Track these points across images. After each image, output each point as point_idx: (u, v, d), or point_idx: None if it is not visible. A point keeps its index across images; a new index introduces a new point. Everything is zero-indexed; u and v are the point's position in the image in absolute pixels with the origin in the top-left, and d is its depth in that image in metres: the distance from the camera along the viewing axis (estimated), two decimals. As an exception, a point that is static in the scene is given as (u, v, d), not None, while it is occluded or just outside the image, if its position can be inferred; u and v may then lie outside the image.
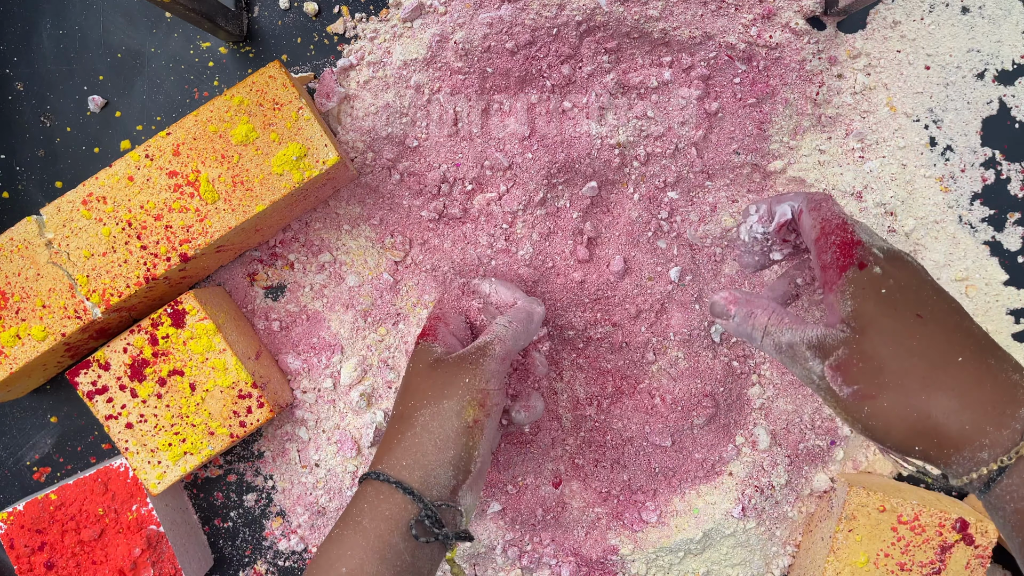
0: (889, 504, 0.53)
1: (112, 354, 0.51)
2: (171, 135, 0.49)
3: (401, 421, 0.44)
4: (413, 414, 0.44)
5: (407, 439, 0.43)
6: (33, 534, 0.52)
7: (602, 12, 0.52)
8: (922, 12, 0.57)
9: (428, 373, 0.45)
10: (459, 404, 0.43)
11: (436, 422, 0.43)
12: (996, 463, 0.35)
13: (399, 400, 0.46)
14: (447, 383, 0.44)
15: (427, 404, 0.44)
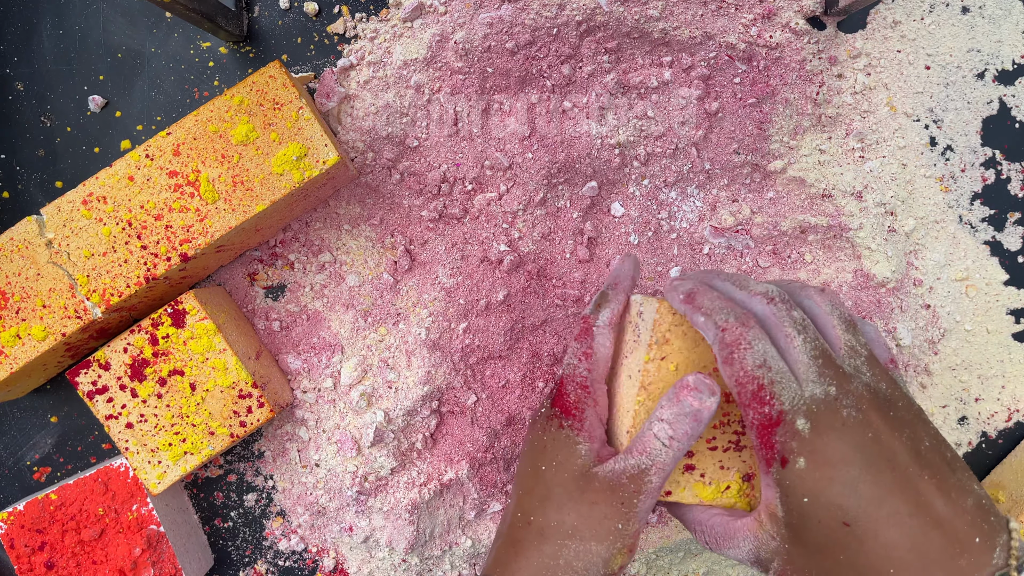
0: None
1: (112, 354, 0.51)
2: (171, 135, 0.49)
3: (544, 540, 0.39)
4: (555, 539, 0.39)
5: (550, 567, 0.39)
6: (33, 534, 0.52)
7: (602, 12, 0.52)
8: (922, 12, 0.57)
9: (574, 491, 0.40)
10: (608, 551, 0.39)
11: (582, 563, 0.39)
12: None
13: (533, 503, 0.41)
14: (598, 520, 0.39)
15: (573, 537, 0.39)
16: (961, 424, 0.60)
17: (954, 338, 0.59)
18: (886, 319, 0.58)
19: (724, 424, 0.41)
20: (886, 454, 0.33)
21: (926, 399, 0.59)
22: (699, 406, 0.37)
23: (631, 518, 0.39)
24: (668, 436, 0.38)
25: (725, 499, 0.42)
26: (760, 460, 0.36)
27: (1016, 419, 0.59)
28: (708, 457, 0.41)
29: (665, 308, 0.41)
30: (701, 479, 0.42)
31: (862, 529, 0.33)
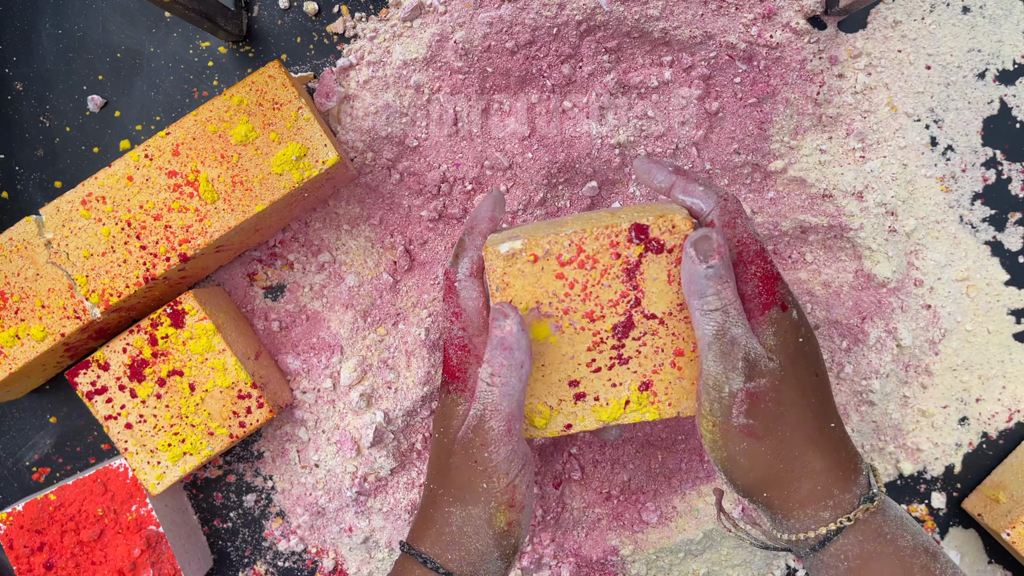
0: (539, 248, 0.40)
1: (111, 354, 0.51)
2: (170, 135, 0.48)
3: (435, 506, 0.41)
4: (444, 506, 0.40)
5: (447, 533, 0.40)
6: (32, 534, 0.52)
7: (602, 11, 0.52)
8: (923, 12, 0.56)
9: (446, 459, 0.40)
10: (486, 513, 0.39)
11: (471, 527, 0.40)
12: (835, 523, 0.37)
13: (430, 470, 0.42)
14: (464, 483, 0.39)
15: (456, 502, 0.40)
16: (962, 424, 0.59)
17: (955, 338, 0.59)
18: (887, 319, 0.58)
19: (598, 344, 0.41)
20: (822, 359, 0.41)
21: (927, 399, 0.59)
22: (501, 334, 0.37)
23: (491, 473, 0.39)
24: (489, 374, 0.38)
25: (629, 414, 0.41)
26: (755, 305, 0.39)
27: (1017, 419, 0.59)
28: (596, 380, 0.41)
29: (493, 253, 0.39)
30: (596, 403, 0.41)
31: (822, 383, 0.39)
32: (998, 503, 0.57)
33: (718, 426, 0.38)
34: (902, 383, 0.59)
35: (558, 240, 0.40)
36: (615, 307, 0.40)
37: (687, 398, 0.42)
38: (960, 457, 0.60)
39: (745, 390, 0.37)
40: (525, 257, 0.40)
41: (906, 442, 0.59)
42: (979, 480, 0.60)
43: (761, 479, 0.38)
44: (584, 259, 0.40)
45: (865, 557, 0.37)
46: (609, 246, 0.40)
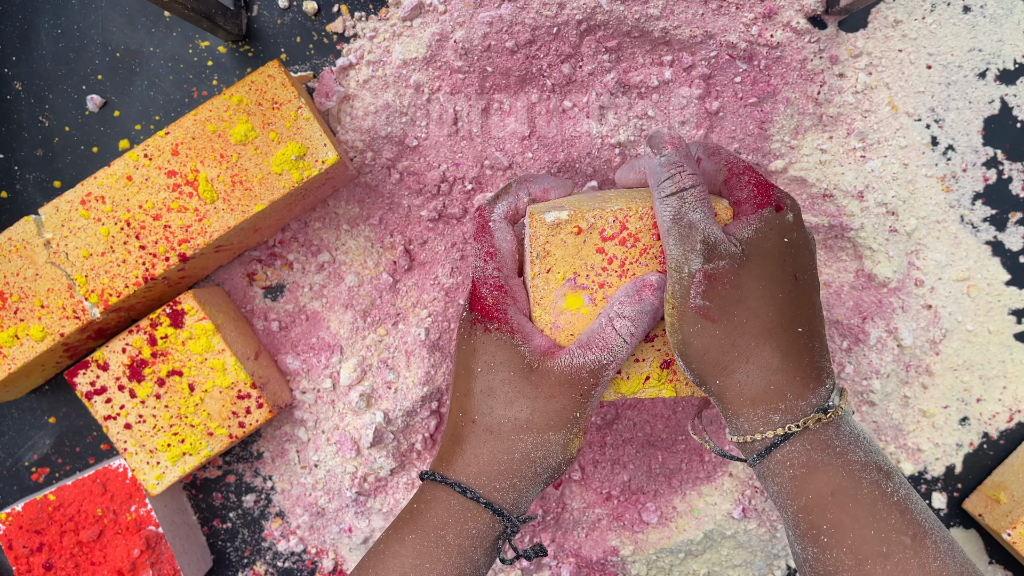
0: (584, 221, 0.41)
1: (111, 354, 0.51)
2: (170, 134, 0.48)
3: (494, 437, 0.40)
4: (511, 436, 0.40)
5: (505, 463, 0.40)
6: (32, 535, 0.52)
7: (603, 11, 0.51)
8: (924, 11, 0.56)
9: (525, 387, 0.40)
10: (566, 438, 0.40)
11: (541, 453, 0.40)
12: (783, 428, 0.37)
13: (476, 403, 0.41)
14: (556, 412, 0.39)
15: (530, 430, 0.40)
16: (962, 424, 0.59)
17: (955, 338, 0.59)
18: (887, 319, 0.57)
19: None
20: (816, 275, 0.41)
21: (927, 399, 0.59)
22: (659, 303, 0.40)
23: (587, 406, 0.40)
24: (630, 333, 0.40)
25: (648, 389, 0.43)
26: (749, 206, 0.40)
27: (1017, 419, 0.59)
28: None
29: (538, 221, 0.41)
30: (618, 375, 0.43)
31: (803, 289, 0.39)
32: (999, 503, 0.57)
33: (676, 308, 0.39)
34: (903, 383, 0.59)
35: (603, 215, 0.40)
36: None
37: None
38: (961, 457, 0.60)
39: (703, 271, 0.38)
40: (569, 228, 0.40)
41: (907, 442, 0.59)
42: (980, 480, 0.60)
43: (713, 364, 0.38)
44: (626, 236, 0.41)
45: (811, 466, 0.37)
46: (652, 227, 0.41)
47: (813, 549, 0.37)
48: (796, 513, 0.37)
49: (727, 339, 0.38)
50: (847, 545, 0.36)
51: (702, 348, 0.38)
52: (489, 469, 0.40)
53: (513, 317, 0.41)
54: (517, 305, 0.42)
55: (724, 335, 0.38)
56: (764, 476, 0.39)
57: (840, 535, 0.36)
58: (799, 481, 0.37)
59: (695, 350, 0.38)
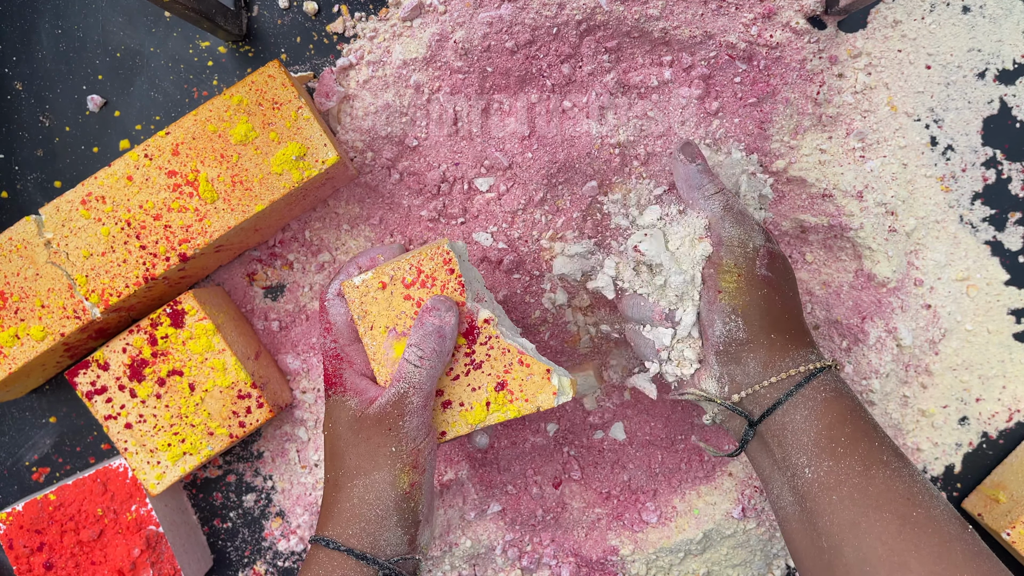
0: (385, 276, 0.45)
1: (111, 354, 0.51)
2: (170, 135, 0.48)
3: (336, 489, 0.44)
4: (346, 484, 0.43)
5: (348, 509, 0.43)
6: (32, 534, 0.52)
7: (602, 11, 0.52)
8: (923, 11, 0.56)
9: (350, 437, 0.44)
10: (391, 474, 0.42)
11: (372, 494, 0.42)
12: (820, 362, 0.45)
13: (328, 464, 0.45)
14: (369, 453, 0.43)
15: (358, 475, 0.43)
16: (962, 424, 0.59)
17: (955, 338, 0.59)
18: (887, 319, 0.58)
19: (453, 355, 0.45)
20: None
21: (927, 399, 0.59)
22: (440, 322, 0.43)
23: (402, 439, 0.43)
24: (418, 356, 0.43)
25: (493, 414, 0.45)
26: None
27: (1017, 419, 0.59)
28: (458, 387, 0.45)
29: (349, 287, 0.45)
30: (461, 408, 0.45)
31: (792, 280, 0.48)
32: (998, 503, 0.57)
33: (743, 276, 0.46)
34: (902, 383, 0.59)
35: (399, 266, 0.45)
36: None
37: (541, 392, 0.45)
38: (960, 457, 0.60)
39: (765, 247, 0.46)
40: (375, 285, 0.45)
41: (906, 442, 0.59)
42: (979, 480, 0.60)
43: (771, 322, 0.45)
44: (424, 279, 0.45)
45: (837, 391, 0.44)
46: (443, 263, 0.44)
47: (828, 463, 0.42)
48: (821, 430, 0.43)
49: (783, 304, 0.46)
50: (859, 453, 0.42)
51: (766, 308, 0.45)
52: (341, 519, 0.43)
53: (348, 378, 0.46)
54: (354, 368, 0.46)
55: (781, 300, 0.46)
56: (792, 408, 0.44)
57: (854, 445, 0.42)
58: (828, 403, 0.43)
59: (760, 309, 0.45)
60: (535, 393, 0.45)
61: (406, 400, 0.43)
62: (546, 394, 0.45)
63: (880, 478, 0.41)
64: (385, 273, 0.45)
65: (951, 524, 0.39)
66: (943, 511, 0.40)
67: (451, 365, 0.45)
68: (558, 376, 0.45)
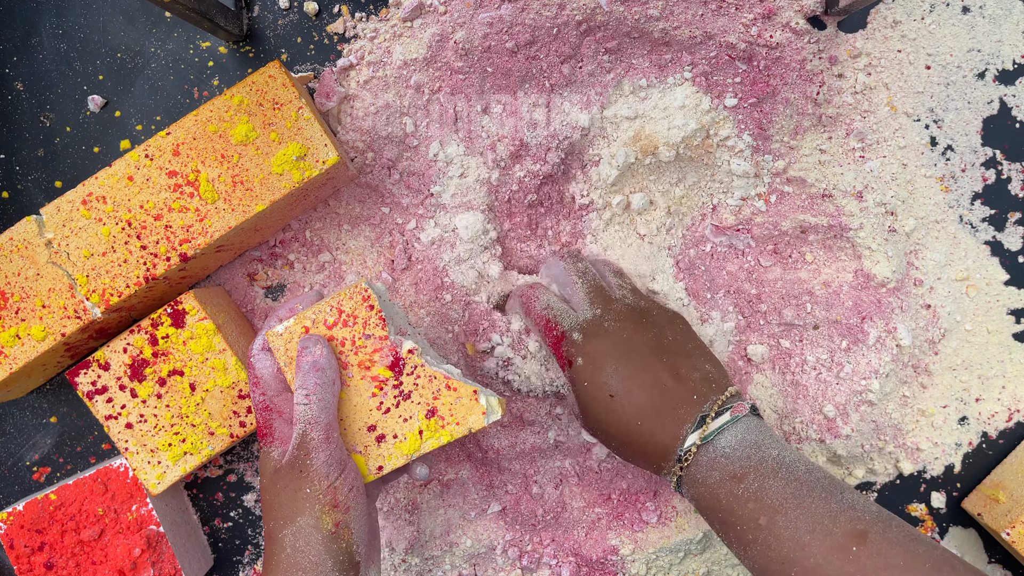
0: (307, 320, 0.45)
1: (112, 354, 0.51)
2: (171, 135, 0.49)
3: (271, 542, 0.43)
4: (277, 535, 0.43)
5: (283, 562, 0.42)
6: (33, 534, 0.52)
7: (602, 12, 0.52)
8: (923, 12, 0.57)
9: (272, 488, 0.44)
10: (312, 518, 0.42)
11: (301, 541, 0.42)
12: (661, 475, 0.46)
13: (264, 518, 0.45)
14: (291, 500, 0.43)
15: (285, 524, 0.43)
16: (961, 424, 0.59)
17: (954, 338, 0.59)
18: (887, 319, 0.58)
19: (381, 387, 0.45)
20: (635, 348, 0.47)
21: (927, 399, 0.59)
22: (312, 357, 0.43)
23: (313, 479, 0.42)
24: (304, 395, 0.43)
25: (427, 442, 0.45)
26: (562, 370, 0.50)
27: (1016, 419, 0.59)
28: (389, 420, 0.45)
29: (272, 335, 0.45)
30: (395, 440, 0.46)
31: (621, 397, 0.46)
32: (998, 503, 0.57)
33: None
34: (902, 383, 0.59)
35: (320, 309, 0.45)
36: (381, 352, 0.45)
37: (471, 413, 0.45)
38: (960, 457, 0.60)
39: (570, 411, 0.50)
40: (298, 332, 0.45)
41: (906, 442, 0.59)
42: (979, 480, 0.60)
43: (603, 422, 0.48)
44: (345, 318, 0.45)
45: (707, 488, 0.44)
46: (362, 301, 0.45)
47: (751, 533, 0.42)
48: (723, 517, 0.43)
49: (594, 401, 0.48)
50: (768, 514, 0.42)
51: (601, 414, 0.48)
52: (279, 571, 0.42)
53: (277, 428, 0.45)
54: (283, 417, 0.45)
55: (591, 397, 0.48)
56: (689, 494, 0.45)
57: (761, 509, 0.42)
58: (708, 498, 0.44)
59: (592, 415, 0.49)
60: (465, 415, 0.45)
61: (307, 438, 0.43)
62: (476, 415, 0.45)
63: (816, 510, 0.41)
64: (307, 318, 0.45)
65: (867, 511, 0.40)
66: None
67: (380, 399, 0.45)
68: (485, 396, 0.45)
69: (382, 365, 0.45)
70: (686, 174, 0.56)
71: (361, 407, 0.45)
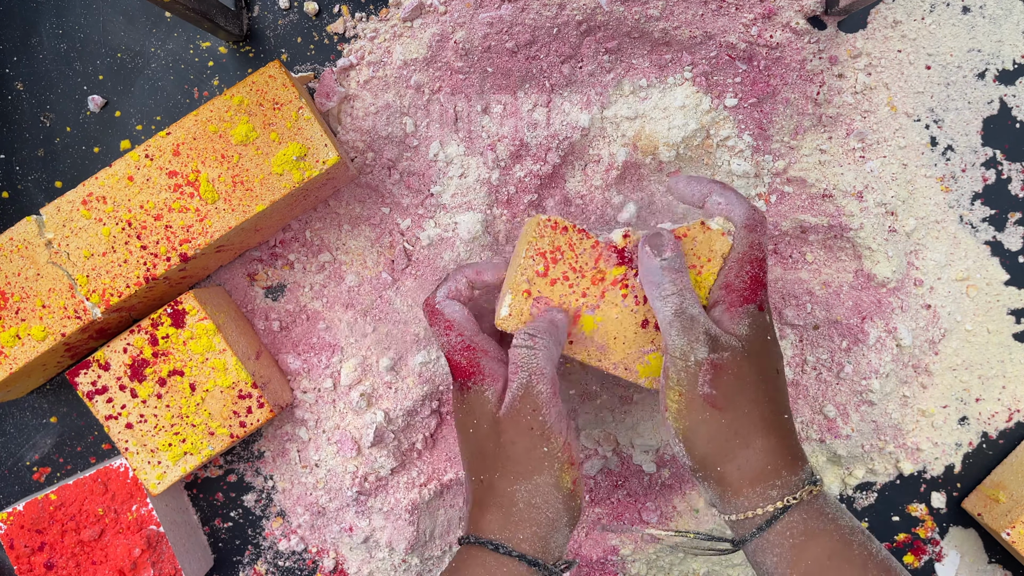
0: (520, 284, 0.44)
1: (112, 354, 0.51)
2: (171, 135, 0.49)
3: (493, 492, 0.42)
4: (507, 489, 0.42)
5: (515, 513, 0.41)
6: (33, 534, 0.52)
7: (602, 12, 0.52)
8: (923, 12, 0.56)
9: (493, 437, 0.42)
10: (552, 477, 0.41)
11: (539, 498, 0.41)
12: (783, 501, 0.40)
13: (474, 464, 0.44)
14: (525, 456, 0.41)
15: (517, 479, 0.42)
16: (962, 424, 0.59)
17: (955, 338, 0.59)
18: (887, 319, 0.58)
19: (626, 285, 0.45)
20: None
21: (927, 399, 0.59)
22: (551, 317, 0.43)
23: (549, 436, 0.41)
24: (530, 336, 0.42)
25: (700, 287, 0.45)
26: (736, 296, 0.43)
27: (1016, 419, 0.59)
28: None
29: (501, 322, 0.44)
30: (640, 362, 0.45)
31: (782, 379, 0.43)
32: (998, 503, 0.57)
33: (684, 395, 0.41)
34: (902, 383, 0.59)
35: (524, 266, 0.44)
36: (602, 257, 0.44)
37: (715, 243, 0.44)
38: (960, 457, 0.60)
39: (709, 360, 0.41)
40: (522, 300, 0.44)
41: (906, 442, 0.59)
42: (979, 480, 0.60)
43: (718, 451, 0.41)
44: (551, 255, 0.44)
45: (809, 534, 0.39)
46: (551, 229, 0.44)
47: None
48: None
49: (731, 428, 0.41)
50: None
51: (709, 436, 0.41)
52: (509, 523, 0.42)
53: (486, 365, 0.44)
54: (488, 355, 0.44)
55: (729, 424, 0.41)
56: (761, 550, 0.41)
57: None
58: (799, 549, 0.39)
59: (702, 437, 0.41)
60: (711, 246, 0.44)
61: (533, 391, 0.42)
62: (720, 241, 0.44)
63: None
64: (520, 283, 0.44)
65: None
66: None
67: (633, 294, 0.44)
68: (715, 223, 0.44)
69: (611, 266, 0.44)
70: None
71: (624, 314, 0.44)
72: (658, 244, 0.43)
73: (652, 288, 0.42)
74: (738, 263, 0.43)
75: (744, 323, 0.42)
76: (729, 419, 0.41)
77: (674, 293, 0.42)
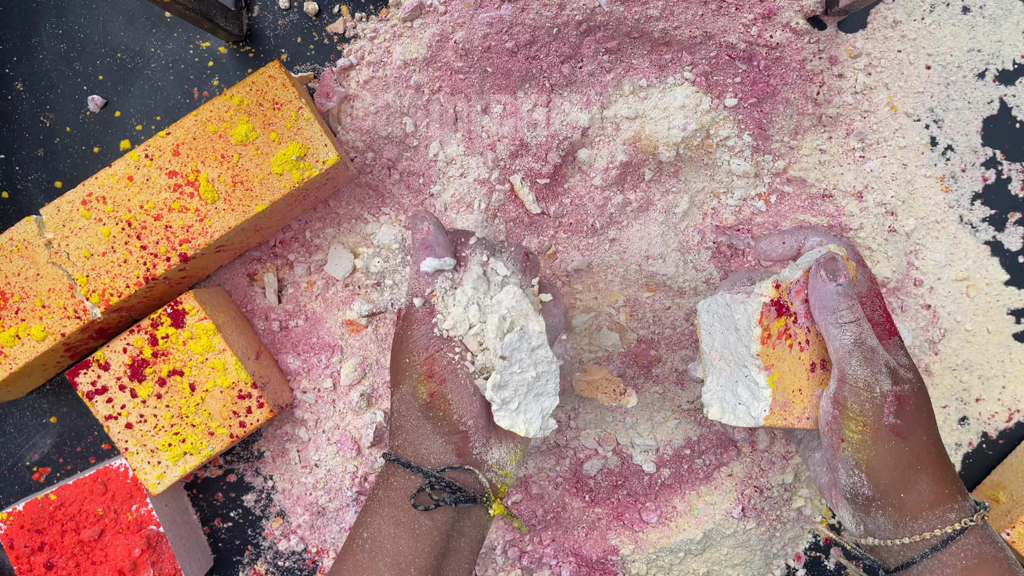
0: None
1: (112, 354, 0.51)
2: (171, 135, 0.49)
3: (390, 401, 0.45)
4: (392, 396, 0.45)
5: (395, 420, 0.45)
6: (33, 534, 0.52)
7: (602, 12, 0.52)
8: (923, 12, 0.56)
9: (391, 355, 0.46)
10: (410, 387, 0.43)
11: (404, 406, 0.44)
12: (960, 523, 0.41)
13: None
14: (395, 368, 0.45)
15: (394, 388, 0.45)
16: (962, 424, 0.59)
17: (955, 338, 0.59)
18: (886, 319, 0.58)
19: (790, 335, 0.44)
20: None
21: (926, 399, 0.59)
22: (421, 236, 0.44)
23: (413, 349, 0.43)
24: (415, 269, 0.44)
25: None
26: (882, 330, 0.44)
27: (1016, 419, 0.59)
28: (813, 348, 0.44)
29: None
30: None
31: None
32: (998, 503, 0.57)
33: (868, 426, 0.42)
34: (902, 383, 0.59)
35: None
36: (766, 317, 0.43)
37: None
38: (960, 457, 0.60)
39: (893, 392, 0.41)
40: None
41: (906, 442, 0.59)
42: (979, 480, 0.60)
43: (900, 479, 0.42)
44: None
45: (982, 558, 0.41)
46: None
47: None
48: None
49: (913, 455, 0.42)
50: None
51: (893, 464, 0.42)
52: (395, 433, 0.45)
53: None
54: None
55: (911, 451, 0.42)
56: (929, 571, 0.42)
57: None
58: (970, 572, 0.41)
59: (887, 465, 0.42)
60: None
61: (411, 310, 0.44)
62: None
63: None
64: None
65: None
66: None
67: (797, 343, 0.44)
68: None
69: (773, 321, 0.43)
70: (686, 174, 0.56)
71: (794, 365, 0.44)
72: (833, 269, 0.43)
73: (827, 314, 0.43)
74: (868, 298, 0.44)
75: (901, 354, 0.44)
76: (912, 447, 0.42)
77: (852, 321, 0.42)
